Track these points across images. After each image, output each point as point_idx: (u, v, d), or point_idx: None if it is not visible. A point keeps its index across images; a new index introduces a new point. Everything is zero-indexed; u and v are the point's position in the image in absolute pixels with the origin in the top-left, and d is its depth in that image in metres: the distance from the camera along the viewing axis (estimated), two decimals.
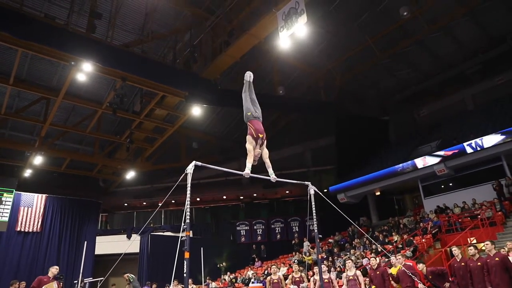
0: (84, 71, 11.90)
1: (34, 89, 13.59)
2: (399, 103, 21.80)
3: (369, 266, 11.00)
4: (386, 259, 11.36)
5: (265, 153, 5.45)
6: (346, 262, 8.97)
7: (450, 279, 7.25)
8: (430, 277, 7.32)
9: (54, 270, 7.79)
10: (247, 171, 5.15)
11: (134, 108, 15.46)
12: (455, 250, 7.53)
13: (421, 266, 7.62)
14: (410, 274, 7.14)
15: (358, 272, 8.40)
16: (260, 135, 5.38)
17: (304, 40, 12.71)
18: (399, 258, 7.93)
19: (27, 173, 17.55)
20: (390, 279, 7.90)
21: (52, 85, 14.33)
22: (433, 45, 17.73)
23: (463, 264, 7.12)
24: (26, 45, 10.73)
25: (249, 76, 5.92)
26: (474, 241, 11.59)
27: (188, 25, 13.69)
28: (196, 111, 14.65)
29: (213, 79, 13.72)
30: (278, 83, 16.42)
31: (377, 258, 10.34)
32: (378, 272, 7.96)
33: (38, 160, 16.19)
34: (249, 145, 5.30)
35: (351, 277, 8.19)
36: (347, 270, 8.48)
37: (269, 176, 5.50)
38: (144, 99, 14.66)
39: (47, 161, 16.98)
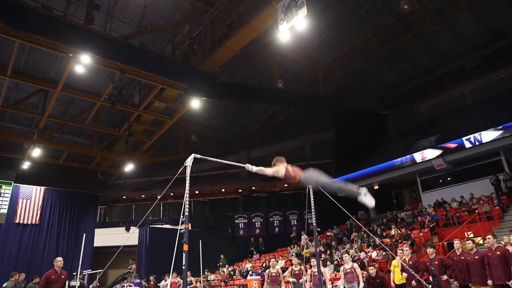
0: (82, 63, 11.81)
1: (32, 81, 13.50)
2: (398, 97, 21.78)
3: (366, 259, 11.06)
4: (384, 253, 11.43)
5: None
6: (343, 255, 9.02)
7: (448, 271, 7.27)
8: (436, 262, 7.32)
9: (59, 263, 7.15)
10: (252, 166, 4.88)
11: (132, 100, 15.40)
12: (457, 243, 7.51)
13: (431, 251, 7.63)
14: (408, 268, 7.16)
15: (355, 265, 8.44)
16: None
17: (304, 33, 12.62)
18: (407, 250, 7.88)
19: (26, 165, 17.51)
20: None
21: (50, 77, 14.24)
22: (433, 39, 17.66)
23: (462, 258, 7.16)
24: (23, 37, 10.64)
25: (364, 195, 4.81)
26: (471, 235, 11.65)
27: (187, 17, 13.57)
28: (195, 104, 14.61)
29: (212, 72, 13.65)
30: (277, 76, 16.37)
31: (376, 251, 10.39)
32: (378, 280, 7.91)
33: (36, 152, 16.15)
34: (271, 171, 4.92)
35: (348, 270, 8.23)
36: (344, 263, 8.52)
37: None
38: (143, 92, 14.59)
39: (45, 153, 16.92)
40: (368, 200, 4.49)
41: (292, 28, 10.55)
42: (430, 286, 7.12)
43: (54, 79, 13.95)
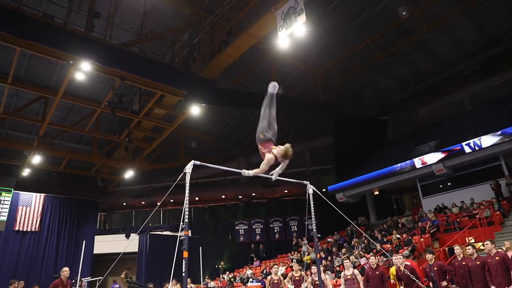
0: (83, 70, 11.86)
1: (33, 88, 13.55)
2: (397, 102, 21.85)
3: (368, 264, 11.01)
4: (385, 259, 11.39)
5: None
6: (344, 261, 8.99)
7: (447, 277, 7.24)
8: (435, 268, 7.29)
9: (66, 273, 7.39)
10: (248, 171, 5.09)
11: (132, 107, 15.46)
12: (457, 249, 7.48)
13: (430, 257, 7.59)
14: (410, 274, 7.12)
15: (356, 271, 8.40)
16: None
17: (303, 39, 12.70)
18: (399, 258, 7.89)
19: (26, 172, 17.51)
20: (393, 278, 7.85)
21: (50, 84, 14.30)
22: (432, 44, 17.76)
23: (463, 263, 7.12)
24: (24, 44, 10.69)
25: (272, 87, 5.24)
26: (472, 240, 11.62)
27: (187, 24, 13.67)
28: (195, 110, 14.65)
29: (212, 79, 13.71)
30: (276, 83, 16.41)
31: (376, 257, 10.34)
32: (377, 272, 7.87)
33: (36, 159, 16.14)
34: (265, 165, 4.98)
35: (349, 276, 8.20)
36: (345, 269, 8.48)
37: (271, 174, 5.37)
38: (143, 99, 14.65)
39: (45, 160, 16.94)
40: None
41: (291, 35, 10.63)
42: None
43: (54, 86, 14.01)
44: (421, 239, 12.90)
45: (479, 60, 18.89)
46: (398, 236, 13.62)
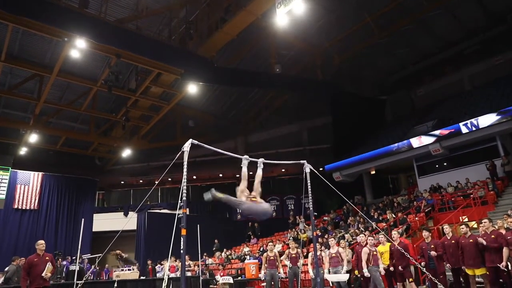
0: (78, 48, 11.68)
1: (27, 66, 13.37)
2: (396, 82, 21.71)
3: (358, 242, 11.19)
4: (380, 237, 11.56)
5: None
6: (329, 240, 9.17)
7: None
8: (432, 246, 7.44)
9: (41, 246, 6.99)
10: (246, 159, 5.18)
11: (129, 85, 15.29)
12: (446, 228, 7.68)
13: (426, 234, 7.73)
14: (404, 252, 7.25)
15: (341, 249, 8.60)
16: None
17: (301, 17, 12.51)
18: (395, 234, 8.02)
19: (23, 151, 17.49)
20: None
21: (45, 62, 14.07)
22: (433, 23, 17.50)
23: (453, 241, 7.30)
24: (16, 20, 10.47)
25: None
26: (466, 219, 11.80)
27: (184, 1, 13.37)
28: (192, 89, 14.53)
29: (209, 57, 13.53)
30: (275, 61, 16.24)
31: (366, 235, 10.49)
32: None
33: (33, 138, 16.10)
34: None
35: (333, 254, 8.37)
36: (330, 247, 8.65)
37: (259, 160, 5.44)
38: (140, 77, 14.49)
39: (42, 139, 16.89)
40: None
41: (289, 12, 10.44)
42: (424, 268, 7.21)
43: (49, 64, 13.80)
44: (416, 218, 13.09)
45: (480, 39, 18.66)
46: (392, 215, 13.79)
